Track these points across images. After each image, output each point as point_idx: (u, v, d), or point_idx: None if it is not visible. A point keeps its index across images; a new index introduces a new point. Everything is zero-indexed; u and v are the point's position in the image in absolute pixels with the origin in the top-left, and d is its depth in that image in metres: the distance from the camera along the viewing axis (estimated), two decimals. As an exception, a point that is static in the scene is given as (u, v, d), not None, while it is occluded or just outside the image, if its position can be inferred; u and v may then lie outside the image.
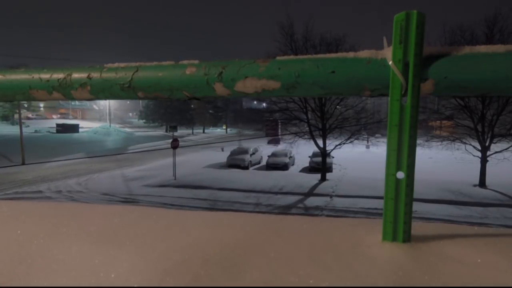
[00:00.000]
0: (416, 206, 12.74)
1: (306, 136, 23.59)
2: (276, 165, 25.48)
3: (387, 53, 0.72)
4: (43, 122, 53.94)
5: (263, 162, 27.74)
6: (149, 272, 0.68)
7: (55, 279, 0.67)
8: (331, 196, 17.52)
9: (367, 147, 34.91)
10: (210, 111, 73.66)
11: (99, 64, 0.97)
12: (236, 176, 22.63)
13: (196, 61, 0.89)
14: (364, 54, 0.77)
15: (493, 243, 0.77)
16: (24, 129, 33.22)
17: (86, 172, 24.38)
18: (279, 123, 33.18)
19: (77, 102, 67.31)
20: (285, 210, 15.48)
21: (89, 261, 0.74)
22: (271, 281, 0.64)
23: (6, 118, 51.59)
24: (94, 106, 76.68)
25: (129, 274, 0.67)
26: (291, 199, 17.22)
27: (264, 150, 31.17)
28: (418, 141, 0.75)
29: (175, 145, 23.17)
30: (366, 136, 31.44)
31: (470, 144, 20.05)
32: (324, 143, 22.48)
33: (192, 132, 66.04)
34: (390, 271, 0.65)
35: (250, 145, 30.44)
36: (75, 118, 68.88)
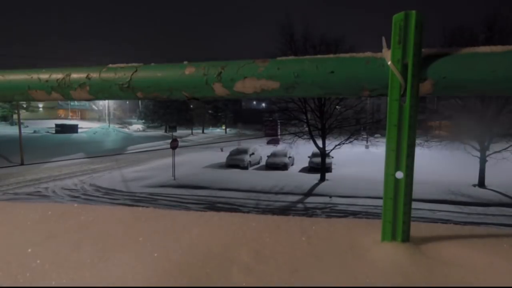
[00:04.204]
0: (415, 206, 12.76)
1: (305, 136, 23.59)
2: (276, 165, 25.46)
3: (386, 53, 0.72)
4: (42, 122, 53.86)
5: (263, 162, 27.73)
6: (149, 273, 0.68)
7: (55, 280, 0.67)
8: (330, 196, 17.52)
9: (367, 147, 34.90)
10: (210, 111, 73.68)
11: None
12: (236, 176, 22.61)
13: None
14: (363, 54, 0.78)
15: (492, 244, 0.77)
16: (23, 130, 33.17)
17: (85, 172, 24.36)
18: (279, 123, 33.18)
19: (76, 102, 67.20)
20: (284, 210, 15.48)
21: (88, 261, 0.74)
22: (270, 282, 0.64)
23: (5, 119, 51.50)
24: (93, 106, 76.55)
25: (129, 274, 0.67)
26: (291, 199, 17.22)
27: (264, 150, 31.15)
28: (417, 141, 0.75)
29: (174, 145, 23.15)
30: (366, 136, 31.44)
31: (470, 144, 20.06)
32: (324, 143, 22.48)
33: (192, 133, 66.00)
34: (389, 271, 0.65)
35: (249, 145, 30.42)
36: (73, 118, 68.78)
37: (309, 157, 25.69)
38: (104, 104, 73.91)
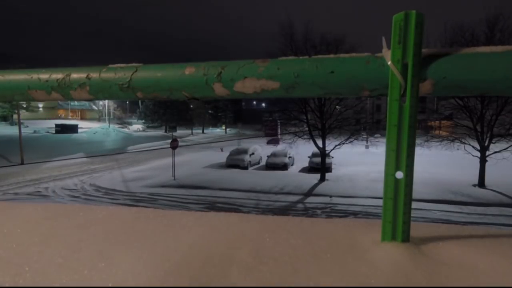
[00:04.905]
0: (415, 206, 12.76)
1: (305, 136, 23.59)
2: (276, 165, 25.47)
3: (386, 53, 0.73)
4: (42, 122, 53.86)
5: (263, 162, 27.74)
6: (149, 273, 0.68)
7: (55, 280, 0.67)
8: (330, 196, 17.52)
9: (367, 147, 34.91)
10: (210, 111, 73.73)
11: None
12: (236, 176, 22.62)
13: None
14: (363, 54, 0.78)
15: (493, 244, 0.77)
16: (23, 130, 33.18)
17: (85, 172, 24.37)
18: (279, 123, 33.21)
19: (76, 102, 67.22)
20: (284, 210, 15.49)
21: (88, 261, 0.74)
22: (270, 282, 0.64)
23: (5, 119, 51.50)
24: (93, 106, 76.54)
25: (129, 274, 0.67)
26: (291, 199, 17.22)
27: (264, 150, 31.16)
28: (417, 141, 0.75)
29: (174, 145, 23.16)
30: (366, 136, 31.45)
31: (470, 144, 20.06)
32: (324, 143, 22.49)
33: (192, 133, 66.03)
34: (389, 271, 0.65)
35: (249, 145, 30.42)
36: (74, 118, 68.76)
37: (309, 157, 25.70)
38: (104, 104, 73.90)
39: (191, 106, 66.44)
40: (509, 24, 18.64)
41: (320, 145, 22.42)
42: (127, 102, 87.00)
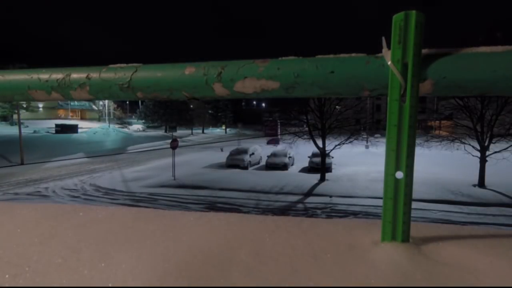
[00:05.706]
0: (415, 206, 12.75)
1: (305, 136, 23.59)
2: (276, 165, 25.47)
3: (386, 53, 0.73)
4: (42, 122, 53.86)
5: (263, 162, 27.74)
6: (149, 273, 0.68)
7: (55, 280, 0.67)
8: (330, 196, 17.52)
9: (367, 147, 34.93)
10: (210, 111, 73.78)
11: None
12: (236, 176, 22.61)
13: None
14: (363, 54, 0.78)
15: (492, 244, 0.77)
16: (23, 130, 33.18)
17: (85, 172, 24.36)
18: (279, 123, 33.23)
19: (76, 102, 67.25)
20: (284, 210, 15.48)
21: (88, 261, 0.74)
22: (270, 282, 0.64)
23: (5, 119, 51.52)
24: (93, 107, 76.52)
25: (129, 274, 0.67)
26: (291, 199, 17.22)
27: (264, 150, 31.16)
28: (417, 141, 0.75)
29: (174, 145, 23.16)
30: (366, 136, 31.46)
31: (470, 144, 20.05)
32: (324, 143, 22.49)
33: (192, 133, 66.07)
34: (389, 271, 0.65)
35: (249, 145, 30.42)
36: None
37: (309, 157, 25.69)
38: (104, 104, 73.87)
39: (191, 106, 66.47)
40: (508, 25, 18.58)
41: (320, 145, 22.41)
42: (127, 102, 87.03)
